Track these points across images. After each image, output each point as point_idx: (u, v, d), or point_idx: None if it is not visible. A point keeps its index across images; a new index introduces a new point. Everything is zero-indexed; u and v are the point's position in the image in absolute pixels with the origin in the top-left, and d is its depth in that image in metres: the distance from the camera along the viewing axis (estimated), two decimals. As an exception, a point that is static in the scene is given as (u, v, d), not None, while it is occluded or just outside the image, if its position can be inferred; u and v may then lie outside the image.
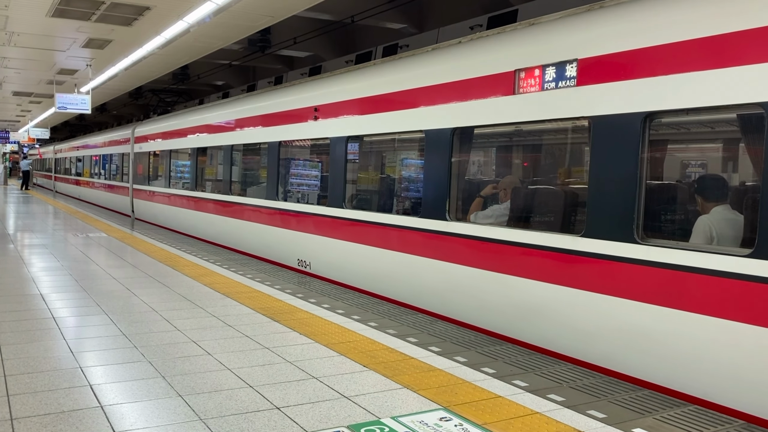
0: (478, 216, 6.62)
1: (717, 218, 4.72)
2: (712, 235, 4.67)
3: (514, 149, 7.07)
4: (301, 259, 9.68)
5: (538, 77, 5.73)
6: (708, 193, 4.92)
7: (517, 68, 5.95)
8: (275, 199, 10.52)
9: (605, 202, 5.07)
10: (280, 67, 18.16)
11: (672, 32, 4.70)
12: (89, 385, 4.27)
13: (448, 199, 6.74)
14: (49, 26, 11.99)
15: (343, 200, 8.62)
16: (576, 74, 5.39)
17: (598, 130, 5.16)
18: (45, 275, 8.40)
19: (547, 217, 6.17)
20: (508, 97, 6.02)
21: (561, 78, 5.52)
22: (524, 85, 5.87)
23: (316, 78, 10.30)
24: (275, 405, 4.03)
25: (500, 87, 6.11)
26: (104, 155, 24.14)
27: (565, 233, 5.47)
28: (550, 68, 5.62)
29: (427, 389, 4.39)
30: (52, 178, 38.68)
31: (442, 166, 6.79)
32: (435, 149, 6.89)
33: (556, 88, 5.56)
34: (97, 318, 6.14)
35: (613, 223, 4.99)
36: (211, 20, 10.57)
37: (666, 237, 5.00)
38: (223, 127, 12.91)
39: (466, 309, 6.51)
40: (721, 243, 4.62)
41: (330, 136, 8.90)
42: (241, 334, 5.70)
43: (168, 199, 16.14)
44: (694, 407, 4.26)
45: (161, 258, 10.24)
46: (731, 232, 4.65)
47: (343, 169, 8.61)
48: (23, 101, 26.13)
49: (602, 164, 5.12)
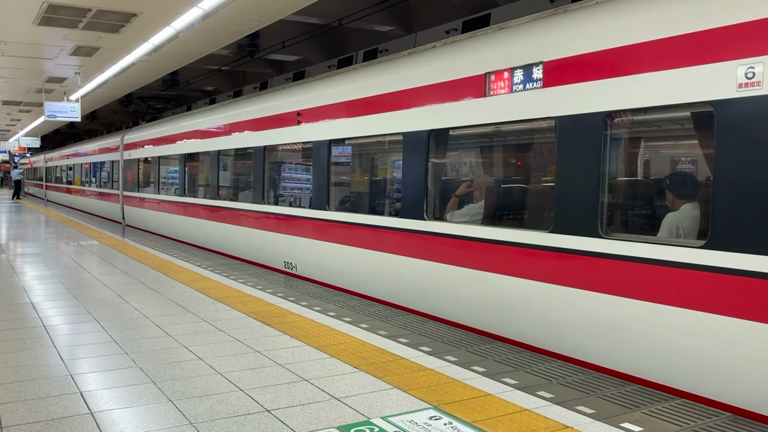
0: (454, 215, 6.79)
1: (684, 215, 4.86)
2: (679, 231, 4.82)
3: (487, 150, 7.27)
4: (288, 261, 9.83)
5: (507, 80, 5.92)
6: (678, 190, 5.05)
7: (487, 71, 6.15)
8: (261, 202, 10.67)
9: (571, 199, 5.26)
10: (270, 71, 18.17)
11: (629, 35, 4.89)
12: (80, 392, 4.27)
13: (426, 199, 6.91)
14: (36, 34, 11.98)
15: (326, 203, 8.77)
16: (542, 76, 5.58)
17: (563, 130, 5.35)
18: (36, 284, 8.38)
19: (519, 215, 6.40)
20: (480, 99, 6.21)
21: (528, 80, 5.71)
22: (494, 88, 6.06)
23: (299, 83, 10.47)
24: (266, 408, 4.04)
25: (472, 90, 6.30)
26: (94, 163, 24.29)
27: (535, 230, 5.65)
28: (518, 71, 5.81)
29: (417, 389, 4.42)
30: (43, 186, 38.58)
31: (420, 168, 6.95)
32: (412, 151, 7.05)
33: (524, 90, 5.75)
34: (89, 325, 6.14)
35: (579, 218, 5.18)
36: (198, 26, 10.59)
37: (628, 231, 5.22)
38: (210, 132, 13.07)
39: (445, 306, 6.66)
40: (687, 238, 4.75)
41: (313, 139, 9.07)
42: (233, 339, 5.71)
43: (157, 205, 16.27)
44: (681, 401, 4.30)
45: (153, 264, 10.23)
46: (696, 227, 4.78)
47: (326, 172, 8.77)
48: (13, 110, 26.05)
49: (567, 162, 5.32)
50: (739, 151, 4.17)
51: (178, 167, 15.08)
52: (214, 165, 12.75)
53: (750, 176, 4.11)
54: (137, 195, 18.13)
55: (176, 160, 15.18)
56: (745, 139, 4.14)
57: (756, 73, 4.07)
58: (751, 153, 4.11)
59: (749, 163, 4.12)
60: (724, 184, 4.25)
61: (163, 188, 16.16)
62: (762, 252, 4.01)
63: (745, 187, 4.14)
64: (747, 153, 4.13)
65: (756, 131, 4.08)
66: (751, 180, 4.11)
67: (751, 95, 4.10)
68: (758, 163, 4.07)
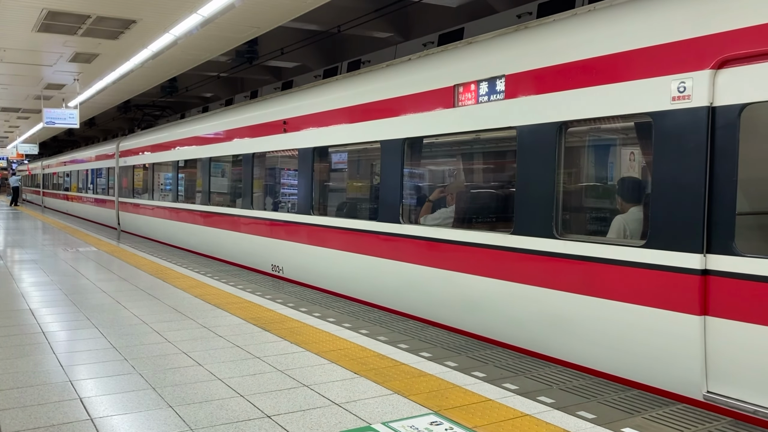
0: (427, 219, 7.16)
1: (631, 217, 5.18)
2: (626, 232, 5.15)
3: (457, 157, 7.58)
4: (275, 265, 10.17)
5: (474, 91, 6.32)
6: (625, 194, 5.36)
7: (456, 83, 6.54)
8: (250, 208, 11.02)
9: (529, 203, 5.66)
10: (268, 78, 18.20)
11: (580, 51, 5.29)
12: (79, 399, 4.26)
13: (401, 203, 7.28)
14: (35, 41, 11.99)
15: (310, 207, 9.15)
16: (504, 88, 5.99)
17: (523, 139, 5.75)
18: (35, 290, 8.37)
19: (485, 218, 6.79)
20: (450, 109, 6.60)
21: (492, 92, 6.12)
22: (462, 99, 6.46)
23: (285, 93, 10.89)
24: (266, 413, 4.03)
25: (443, 100, 6.69)
26: (90, 170, 24.64)
27: (498, 232, 6.03)
28: (484, 83, 6.21)
29: (418, 394, 4.41)
30: (40, 193, 38.68)
31: (396, 174, 7.34)
32: (389, 158, 7.44)
33: (488, 101, 6.15)
34: (87, 332, 6.13)
35: (536, 221, 5.57)
36: (197, 32, 10.61)
37: (580, 232, 5.64)
38: (200, 140, 13.45)
39: (419, 304, 6.99)
40: (633, 238, 5.07)
41: (298, 147, 9.45)
42: (232, 344, 5.70)
43: (151, 210, 16.67)
44: (681, 406, 4.30)
45: (151, 271, 10.22)
46: (641, 228, 5.09)
47: (309, 178, 9.17)
48: (11, 117, 26.05)
49: (526, 169, 5.72)
50: (672, 158, 4.56)
51: (170, 174, 15.46)
52: (204, 172, 13.11)
53: (681, 181, 4.49)
54: (132, 201, 18.51)
55: (169, 166, 15.54)
56: (677, 147, 4.52)
57: (686, 87, 4.47)
58: (682, 159, 4.49)
59: (681, 168, 4.50)
60: (660, 188, 4.63)
61: (156, 194, 16.54)
62: (692, 250, 4.38)
63: (677, 191, 4.51)
64: (679, 160, 4.51)
65: (685, 140, 4.47)
66: (681, 184, 4.48)
67: (682, 107, 4.50)
68: (688, 169, 4.44)
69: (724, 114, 4.27)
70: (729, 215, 4.22)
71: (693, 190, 4.39)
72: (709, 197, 4.32)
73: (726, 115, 4.26)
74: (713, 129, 4.33)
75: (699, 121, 4.38)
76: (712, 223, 4.31)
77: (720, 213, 4.27)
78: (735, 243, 4.19)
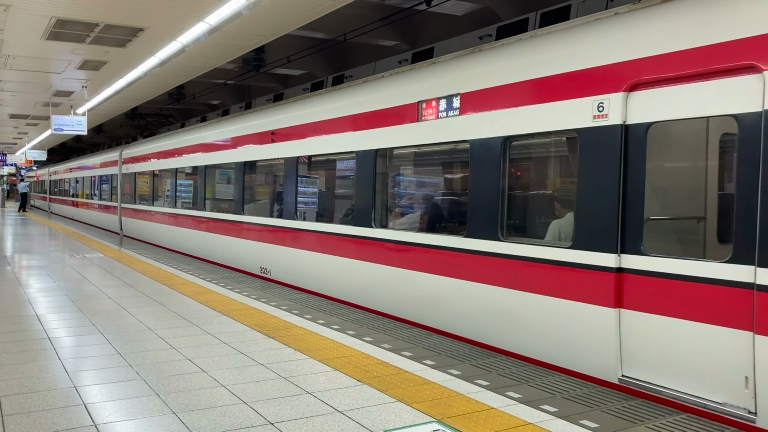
0: (396, 223, 7.84)
1: (566, 222, 5.69)
2: (561, 235, 5.73)
3: (422, 166, 8.22)
4: (263, 267, 10.77)
5: (435, 107, 6.93)
6: (563, 200, 5.91)
7: (419, 100, 7.14)
8: (241, 213, 11.70)
9: (479, 209, 6.27)
10: (275, 86, 18.27)
11: (520, 73, 5.91)
12: (83, 405, 4.28)
13: (374, 209, 7.88)
14: (44, 49, 12.08)
15: (294, 213, 9.80)
16: (459, 105, 6.60)
17: (474, 151, 6.36)
18: (41, 296, 8.41)
19: (446, 223, 7.37)
20: (414, 123, 7.21)
21: (449, 108, 6.72)
22: (425, 114, 7.07)
23: (273, 105, 11.74)
24: (269, 420, 4.04)
25: (409, 115, 7.30)
26: (94, 177, 25.45)
27: (455, 235, 6.60)
28: (442, 100, 6.81)
29: (421, 402, 4.41)
30: (47, 199, 39.13)
31: (369, 182, 7.93)
32: (363, 167, 8.07)
33: (447, 116, 6.75)
34: (93, 338, 6.16)
35: (485, 225, 6.18)
36: (204, 40, 10.67)
37: (522, 235, 6.23)
38: (196, 149, 14.24)
39: (388, 302, 7.56)
40: (567, 241, 5.60)
41: (284, 156, 10.13)
42: (236, 351, 5.71)
43: (151, 216, 17.37)
44: (686, 415, 4.28)
45: (157, 277, 10.25)
46: (572, 232, 5.55)
47: (294, 185, 9.81)
48: (20, 123, 26.21)
49: (477, 178, 6.33)
50: (592, 169, 5.14)
51: (169, 181, 16.19)
52: (200, 179, 13.86)
53: (600, 189, 5.06)
54: (133, 207, 19.21)
55: (167, 174, 16.23)
56: (596, 160, 5.10)
57: (604, 107, 5.06)
58: (600, 171, 5.06)
59: (599, 179, 5.07)
60: (584, 195, 5.21)
61: (156, 201, 17.27)
62: (608, 251, 4.96)
63: (597, 198, 5.08)
64: (598, 171, 5.08)
65: (603, 153, 5.04)
66: (600, 192, 5.05)
67: (601, 125, 5.08)
68: (605, 179, 5.01)
69: (635, 131, 4.86)
70: (638, 220, 4.81)
71: (609, 198, 4.97)
72: (622, 204, 4.90)
73: (636, 132, 4.85)
74: (626, 144, 4.90)
75: (614, 137, 4.96)
76: (625, 227, 4.88)
77: (631, 218, 4.85)
78: (643, 244, 4.78)
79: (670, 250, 4.87)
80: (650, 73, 4.77)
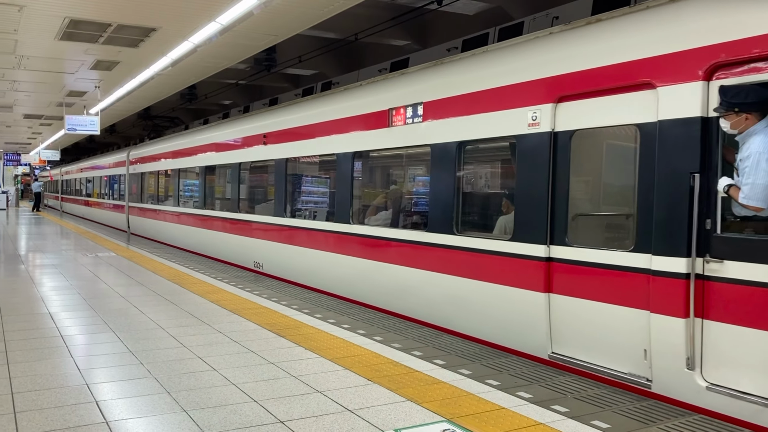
0: (371, 220, 8.42)
1: (510, 218, 6.21)
2: (506, 229, 6.28)
3: (393, 168, 8.95)
4: (256, 261, 11.39)
5: (402, 114, 7.57)
6: (510, 199, 6.37)
7: (390, 107, 7.77)
8: (237, 211, 12.43)
9: (438, 206, 6.93)
10: (286, 86, 18.31)
11: (472, 85, 6.56)
12: (95, 402, 4.31)
13: (351, 207, 8.52)
14: (57, 49, 12.17)
15: (283, 211, 10.46)
16: (422, 113, 7.24)
17: (434, 154, 7.03)
18: (54, 294, 8.48)
19: (410, 219, 8.06)
20: (386, 129, 7.86)
21: (414, 115, 7.37)
22: (395, 120, 7.71)
23: (264, 110, 12.61)
24: (279, 419, 4.05)
25: (381, 121, 7.94)
26: (104, 177, 26.35)
27: (419, 230, 7.29)
28: (409, 108, 7.46)
29: (431, 402, 4.40)
30: (59, 198, 39.72)
31: (347, 181, 8.58)
32: (342, 168, 8.72)
33: (413, 123, 7.40)
34: (105, 336, 6.19)
35: (442, 220, 6.84)
36: (216, 40, 10.71)
37: (472, 230, 6.82)
38: (197, 150, 14.99)
39: (365, 292, 8.16)
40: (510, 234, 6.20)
41: (274, 158, 10.84)
42: (247, 350, 5.73)
43: (156, 214, 18.25)
44: (698, 416, 4.25)
45: (169, 276, 10.31)
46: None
47: (283, 184, 10.49)
48: (34, 124, 26.44)
49: (436, 179, 7.00)
50: (527, 171, 5.82)
51: (172, 180, 16.94)
52: (201, 179, 14.63)
53: (533, 188, 5.70)
54: (140, 206, 20.11)
55: (170, 174, 17.27)
56: (531, 163, 5.77)
57: (537, 116, 5.73)
58: (534, 172, 5.72)
59: (533, 179, 5.72)
60: (521, 194, 5.90)
61: (160, 200, 18.02)
62: (539, 242, 5.60)
63: (531, 196, 5.74)
64: (532, 172, 5.75)
65: (536, 157, 5.70)
66: (534, 191, 5.70)
67: (534, 132, 5.75)
68: (537, 180, 5.66)
69: (561, 137, 5.51)
70: (563, 215, 5.48)
71: (541, 196, 5.62)
72: (552, 201, 5.55)
73: (562, 139, 5.50)
74: (554, 149, 5.55)
75: (544, 143, 5.62)
76: (554, 221, 5.54)
77: (558, 213, 5.52)
78: (568, 236, 5.43)
79: (590, 242, 5.39)
80: (573, 87, 5.42)
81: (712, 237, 4.41)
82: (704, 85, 4.47)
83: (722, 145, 4.46)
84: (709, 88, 4.46)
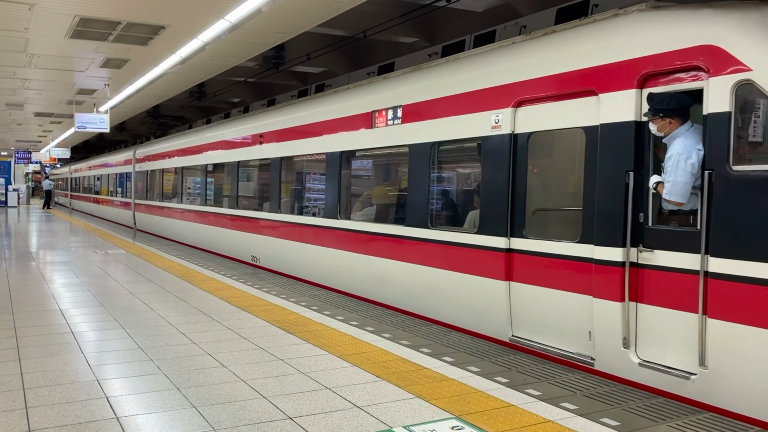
0: (357, 215, 8.98)
1: (478, 213, 6.58)
2: (475, 224, 6.66)
3: (377, 167, 9.40)
4: (253, 255, 11.95)
5: (384, 116, 8.08)
6: (478, 195, 6.73)
7: (373, 109, 8.29)
8: (235, 208, 13.03)
9: (415, 202, 7.44)
10: (295, 83, 18.30)
11: (443, 89, 7.05)
12: (106, 397, 4.34)
13: (339, 203, 9.06)
14: (67, 47, 12.22)
15: (278, 206, 11.01)
16: (401, 115, 7.76)
17: (411, 154, 7.55)
18: (65, 291, 8.53)
19: (391, 214, 8.52)
20: (369, 129, 8.39)
21: (395, 117, 7.87)
22: (377, 122, 8.22)
23: (261, 111, 13.20)
24: (288, 415, 4.06)
25: (365, 123, 8.47)
26: (110, 174, 27.14)
27: (398, 225, 7.75)
28: (390, 110, 7.97)
29: (440, 399, 4.40)
30: (68, 196, 40.18)
31: (335, 179, 9.11)
32: (331, 167, 9.25)
33: (393, 124, 7.91)
34: (115, 332, 6.23)
35: (418, 215, 7.35)
36: (225, 38, 10.72)
37: (445, 224, 7.34)
38: (199, 149, 15.58)
39: (350, 283, 8.70)
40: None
41: (270, 156, 11.43)
42: (256, 347, 5.75)
43: (161, 211, 18.82)
44: (709, 415, 4.23)
45: (178, 273, 10.35)
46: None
47: (278, 182, 11.09)
48: (44, 122, 26.56)
49: (413, 176, 7.49)
50: (491, 170, 6.30)
51: (175, 178, 17.55)
52: (202, 177, 15.25)
53: (496, 186, 6.18)
54: (145, 203, 20.77)
55: (174, 173, 17.73)
56: (493, 162, 6.25)
57: (499, 119, 6.22)
58: (496, 171, 6.20)
59: (495, 177, 6.21)
60: (485, 190, 6.38)
61: (164, 197, 18.63)
62: (501, 235, 6.09)
63: (493, 192, 6.23)
64: (494, 171, 6.23)
65: (498, 157, 6.19)
66: (496, 188, 6.19)
67: (497, 134, 6.24)
68: (499, 178, 6.15)
69: (520, 139, 6.00)
70: (522, 210, 5.98)
71: (502, 192, 6.11)
72: (512, 197, 6.03)
73: (521, 140, 5.99)
74: (514, 149, 6.03)
75: (505, 144, 6.10)
76: (514, 215, 6.03)
77: (517, 208, 6.01)
78: (525, 229, 5.93)
79: (545, 234, 5.86)
80: (530, 93, 5.88)
81: (644, 229, 4.89)
82: (638, 92, 4.95)
83: (654, 146, 4.92)
84: (642, 95, 4.93)
